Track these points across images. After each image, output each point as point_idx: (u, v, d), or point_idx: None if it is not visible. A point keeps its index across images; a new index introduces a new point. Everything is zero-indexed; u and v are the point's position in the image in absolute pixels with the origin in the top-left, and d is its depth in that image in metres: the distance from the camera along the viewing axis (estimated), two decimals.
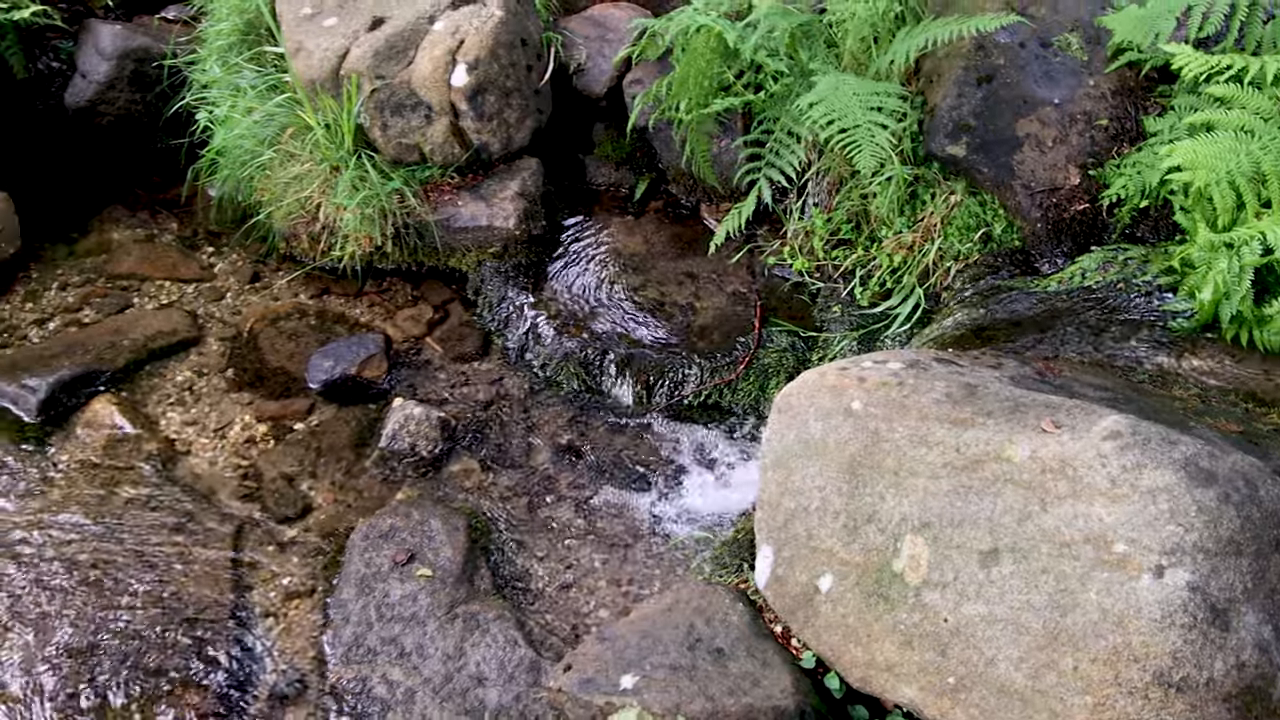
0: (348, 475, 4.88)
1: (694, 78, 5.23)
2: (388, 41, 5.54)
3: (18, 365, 5.30)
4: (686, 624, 3.48)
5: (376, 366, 5.27)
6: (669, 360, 5.08)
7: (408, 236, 5.67)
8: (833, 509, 3.32)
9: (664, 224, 5.88)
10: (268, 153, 5.81)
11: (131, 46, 6.69)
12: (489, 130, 5.63)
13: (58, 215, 6.44)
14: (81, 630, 4.17)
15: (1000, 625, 2.91)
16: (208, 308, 5.82)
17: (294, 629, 4.24)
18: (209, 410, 5.21)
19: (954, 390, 3.32)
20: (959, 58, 4.84)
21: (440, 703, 3.84)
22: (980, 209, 4.80)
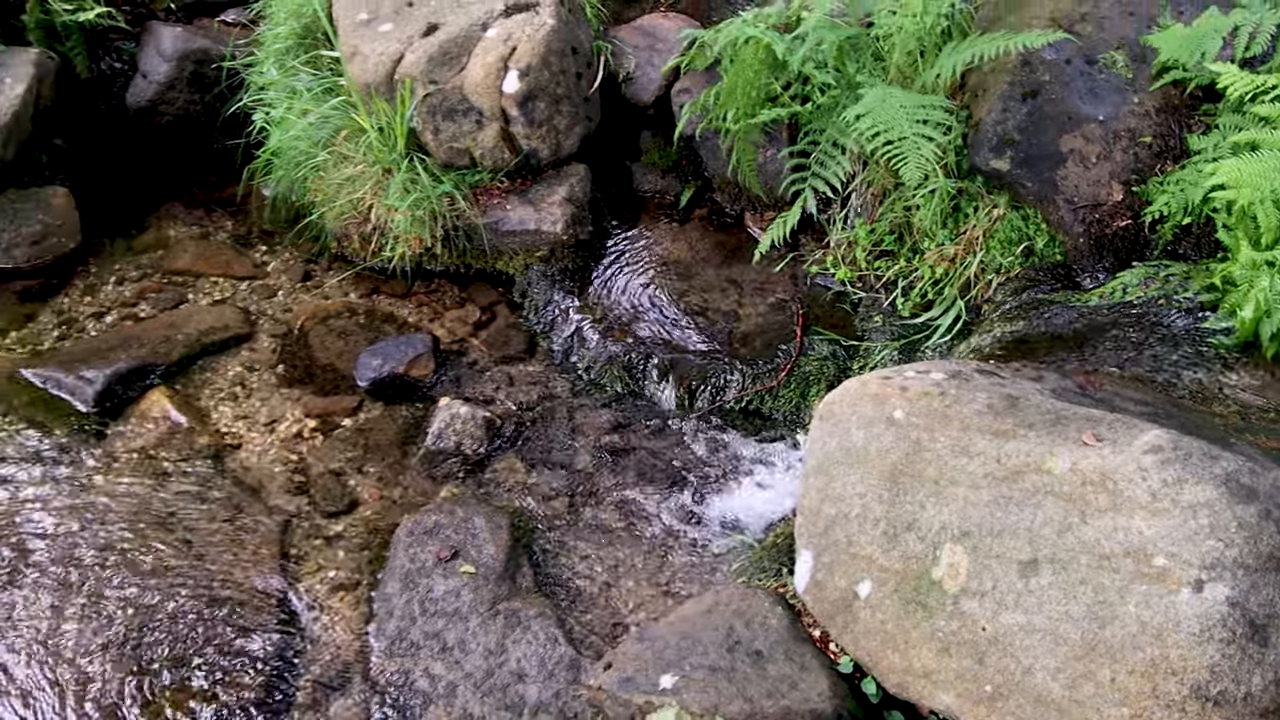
0: (394, 472, 4.90)
1: (742, 88, 5.22)
2: (441, 47, 5.56)
3: (75, 357, 5.35)
4: (726, 626, 3.47)
5: (424, 366, 5.29)
6: (711, 366, 5.07)
7: (457, 239, 5.68)
8: (873, 516, 3.30)
9: (708, 231, 5.87)
10: (322, 154, 5.84)
11: (191, 48, 6.75)
12: (539, 136, 5.64)
13: (117, 212, 6.50)
14: (133, 616, 4.20)
15: (1038, 635, 2.89)
16: (260, 305, 5.85)
17: (339, 621, 4.25)
18: (259, 405, 5.24)
19: (996, 401, 3.30)
20: (1005, 73, 4.81)
21: (481, 697, 3.84)
22: (1023, 223, 4.77)
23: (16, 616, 4.21)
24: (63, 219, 6.17)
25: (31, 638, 4.13)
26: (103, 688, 3.98)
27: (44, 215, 6.13)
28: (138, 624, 4.18)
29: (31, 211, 6.13)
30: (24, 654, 4.08)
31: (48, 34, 6.55)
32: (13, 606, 4.24)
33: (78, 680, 4.00)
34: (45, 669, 4.04)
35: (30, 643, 4.12)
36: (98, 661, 4.05)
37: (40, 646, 4.10)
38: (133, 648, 4.10)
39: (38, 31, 6.51)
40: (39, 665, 4.05)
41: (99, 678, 4.00)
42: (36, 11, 6.46)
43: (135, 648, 4.10)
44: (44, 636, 4.13)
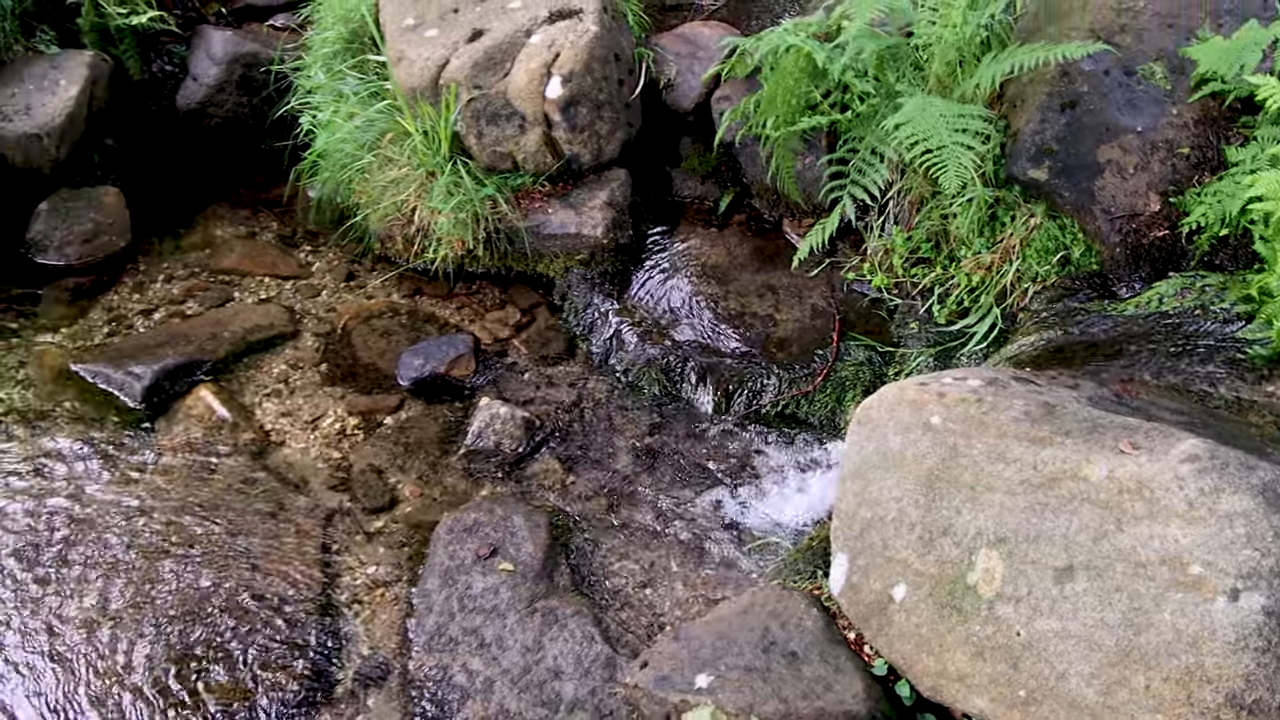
0: (434, 470, 4.91)
1: (782, 96, 5.22)
2: (486, 53, 5.57)
3: (124, 353, 5.39)
4: (761, 627, 3.47)
5: (465, 366, 5.30)
6: (748, 370, 5.06)
7: (498, 241, 5.69)
8: (909, 520, 3.29)
9: (746, 237, 5.86)
10: (367, 157, 5.87)
11: (241, 52, 6.80)
12: (580, 141, 5.65)
13: (166, 211, 6.55)
14: (177, 606, 4.23)
15: (1073, 641, 2.87)
16: (304, 304, 5.88)
17: (379, 616, 4.27)
18: (303, 402, 5.26)
19: (1032, 409, 3.28)
20: (1043, 83, 4.79)
21: (518, 694, 3.84)
22: (1059, 232, 4.74)
23: (66, 604, 4.25)
24: (113, 218, 6.22)
25: (79, 624, 4.17)
26: (147, 674, 4.01)
27: (95, 214, 6.18)
28: (182, 614, 4.21)
29: (83, 210, 6.18)
30: (72, 640, 4.12)
31: (101, 37, 6.61)
32: (62, 594, 4.28)
33: (123, 665, 4.03)
34: (92, 654, 4.07)
35: (78, 629, 4.15)
36: (142, 649, 4.08)
37: (87, 633, 4.14)
38: (177, 636, 4.13)
39: (92, 34, 6.57)
40: (86, 650, 4.08)
41: (143, 664, 4.04)
42: (91, 15, 6.51)
43: (180, 636, 4.13)
44: (91, 623, 4.17)
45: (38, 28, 6.47)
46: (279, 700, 3.93)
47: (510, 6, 5.84)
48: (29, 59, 6.39)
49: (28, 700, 3.95)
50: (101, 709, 3.90)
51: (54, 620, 4.19)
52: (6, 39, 6.32)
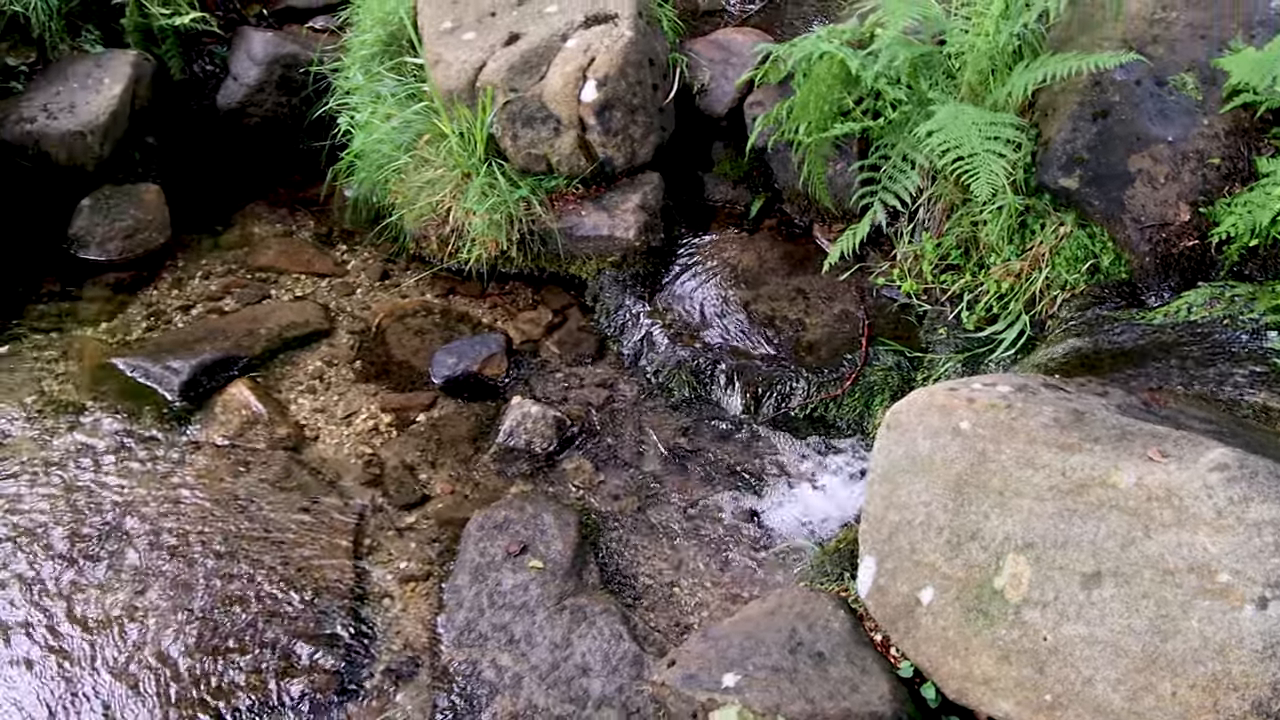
0: (465, 467, 4.92)
1: (815, 102, 5.20)
2: (522, 57, 5.58)
3: (163, 347, 5.42)
4: (789, 627, 3.46)
5: (497, 365, 5.31)
6: (777, 373, 5.05)
7: (532, 242, 5.70)
8: (937, 524, 3.28)
9: (777, 242, 5.85)
10: (403, 157, 5.88)
11: (281, 53, 6.83)
12: (614, 145, 5.65)
13: (205, 209, 6.59)
14: (213, 599, 4.25)
15: (1100, 646, 2.86)
16: (339, 302, 5.90)
17: (410, 611, 4.28)
18: (337, 399, 5.28)
19: (1062, 415, 3.26)
20: (1075, 93, 4.76)
21: (546, 689, 3.84)
22: (1089, 241, 4.71)
23: (103, 592, 4.27)
24: (154, 215, 6.26)
25: (115, 612, 4.20)
26: (181, 662, 4.03)
27: (136, 211, 6.22)
28: (216, 604, 4.23)
29: (124, 207, 6.22)
30: (109, 627, 4.15)
31: (145, 37, 6.66)
32: (99, 582, 4.31)
33: (158, 654, 4.05)
34: (126, 641, 4.10)
35: (114, 617, 4.18)
36: (176, 637, 4.11)
37: (123, 620, 4.16)
38: (211, 626, 4.15)
39: (135, 34, 6.62)
40: (121, 637, 4.11)
41: (177, 653, 4.06)
42: (135, 16, 6.56)
43: (213, 626, 4.15)
44: (126, 611, 4.20)
45: (83, 27, 6.51)
46: (310, 691, 3.95)
47: (547, 11, 5.84)
48: (74, 58, 6.44)
49: (64, 685, 3.97)
50: (135, 695, 3.92)
51: (91, 607, 4.22)
52: (53, 38, 6.37)
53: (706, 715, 3.28)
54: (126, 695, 3.93)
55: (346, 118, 6.29)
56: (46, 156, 6.11)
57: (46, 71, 6.36)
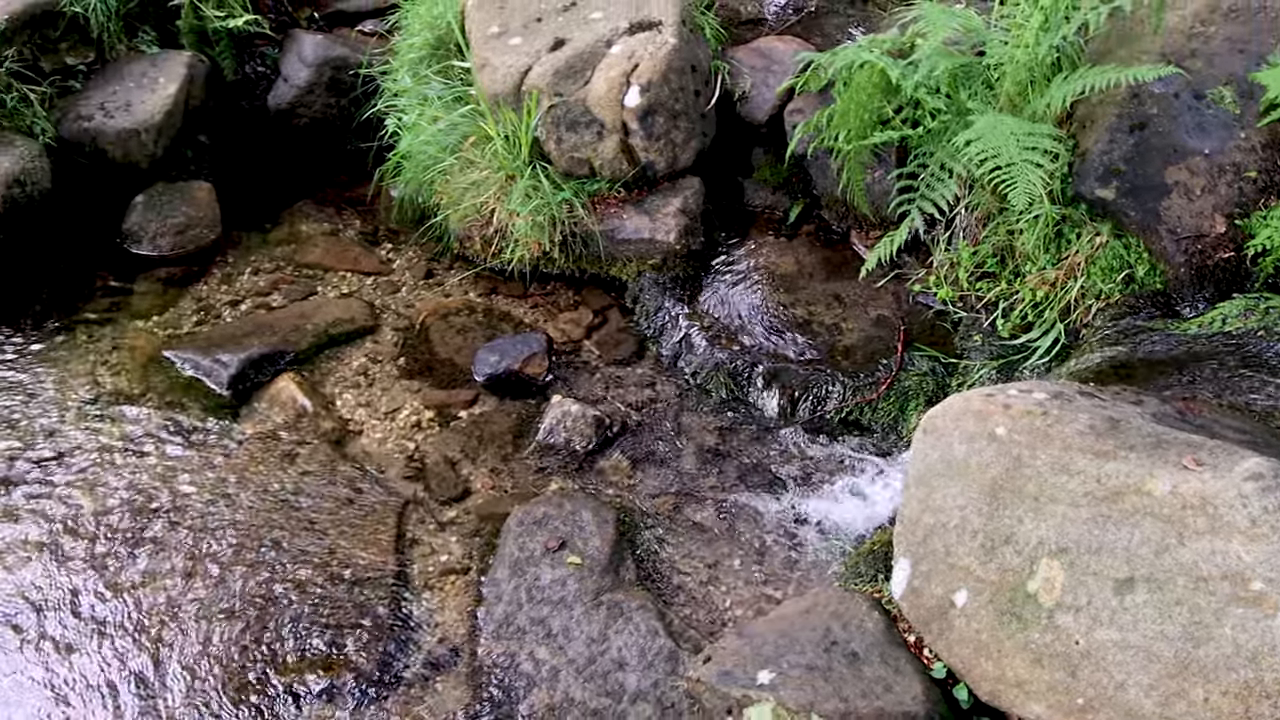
0: (506, 463, 4.93)
1: (855, 111, 5.20)
2: (567, 62, 5.60)
3: (212, 341, 5.46)
4: (823, 627, 3.46)
5: (538, 364, 5.32)
6: (813, 376, 5.04)
7: (573, 244, 5.71)
8: (971, 528, 3.27)
9: (815, 247, 5.84)
10: (449, 159, 5.91)
11: (331, 55, 6.88)
12: (656, 149, 5.65)
13: (254, 206, 6.64)
14: (257, 587, 4.28)
15: (1132, 651, 2.85)
16: (384, 300, 5.93)
17: (450, 603, 4.30)
18: (381, 394, 5.30)
19: (1097, 423, 3.25)
20: (1113, 105, 4.74)
21: (583, 683, 3.85)
22: (1124, 251, 4.69)
23: (150, 580, 4.31)
24: (205, 212, 6.31)
25: (161, 599, 4.23)
26: (224, 649, 4.06)
27: (188, 208, 6.27)
28: (261, 594, 4.26)
29: (177, 204, 6.27)
30: (156, 615, 4.19)
31: (199, 38, 6.73)
32: (147, 571, 4.35)
33: (203, 642, 4.08)
34: (172, 628, 4.13)
35: (160, 604, 4.22)
36: (223, 627, 4.14)
37: (169, 607, 4.20)
38: (256, 616, 4.17)
39: (190, 36, 6.69)
40: (166, 624, 4.14)
41: (221, 639, 4.09)
42: (190, 17, 6.62)
43: (257, 615, 4.18)
44: (173, 599, 4.23)
45: (140, 28, 6.58)
46: (352, 679, 3.97)
47: (592, 17, 5.86)
48: (131, 58, 6.50)
49: (107, 669, 4.01)
50: (180, 681, 3.95)
51: (138, 595, 4.26)
52: (111, 39, 6.43)
53: (741, 711, 3.28)
54: (170, 679, 3.97)
55: (394, 119, 6.32)
56: (103, 153, 6.17)
57: (104, 71, 6.43)
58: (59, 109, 6.20)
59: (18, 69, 6.04)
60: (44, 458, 4.86)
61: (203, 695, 3.92)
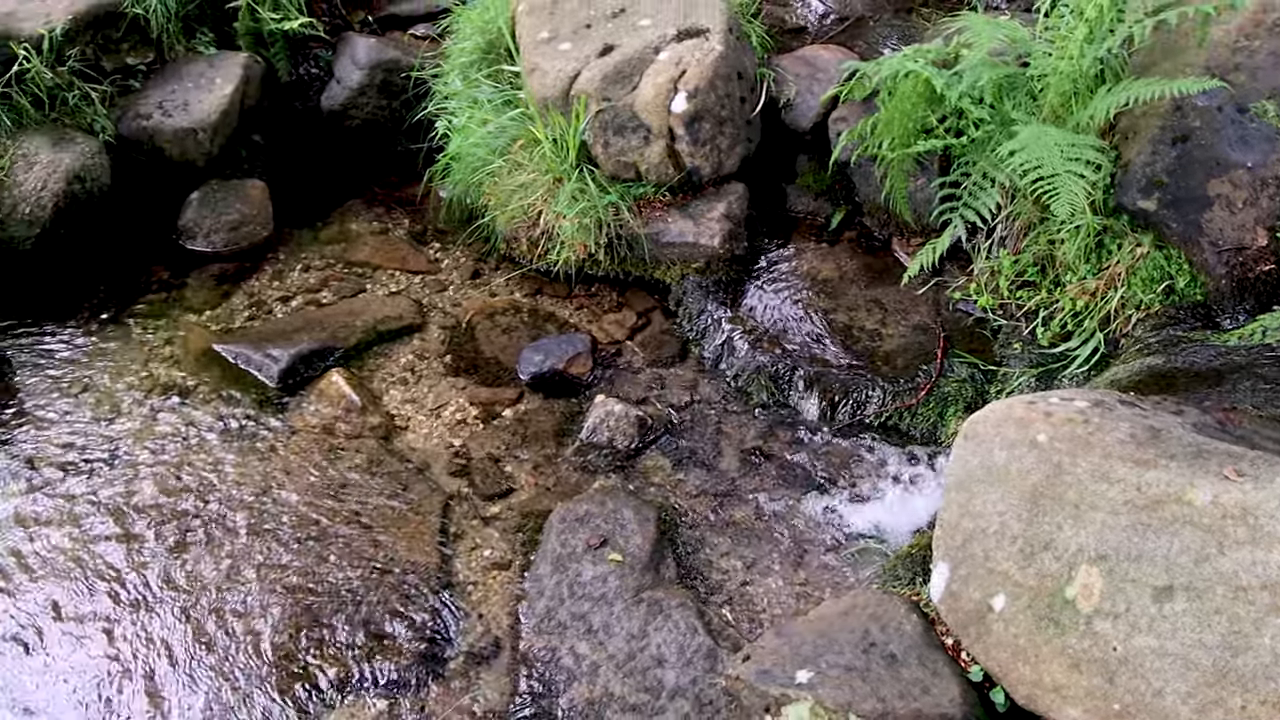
0: (549, 461, 4.95)
1: (899, 119, 5.19)
2: (616, 67, 5.61)
3: (264, 336, 5.51)
4: (862, 628, 3.45)
5: (582, 364, 5.33)
6: (853, 381, 5.03)
7: (619, 247, 5.72)
8: (1010, 533, 3.25)
9: (856, 254, 5.83)
10: (498, 161, 5.93)
11: (383, 58, 6.91)
12: (702, 155, 5.66)
13: (305, 205, 6.69)
14: (303, 578, 4.31)
15: (1170, 659, 2.83)
16: (432, 298, 5.95)
17: (492, 597, 4.31)
18: (427, 391, 5.33)
19: (1138, 432, 3.23)
20: (1156, 117, 4.71)
21: (622, 678, 3.86)
22: (1165, 262, 4.66)
23: (198, 567, 4.36)
24: (258, 209, 6.36)
25: (210, 587, 4.28)
26: (271, 637, 4.10)
27: (241, 205, 6.33)
28: (307, 583, 4.30)
29: (230, 201, 6.33)
30: (204, 601, 4.23)
31: (255, 40, 6.78)
32: (196, 560, 4.39)
33: (249, 629, 4.12)
34: (220, 615, 4.17)
35: (209, 591, 4.26)
36: (268, 613, 4.18)
37: (217, 595, 4.24)
38: (302, 603, 4.21)
39: (247, 37, 6.74)
40: (214, 611, 4.19)
41: (268, 628, 4.13)
42: (247, 19, 6.67)
43: (304, 604, 4.21)
44: (221, 587, 4.28)
45: (198, 30, 6.64)
46: (395, 670, 4.00)
47: (640, 24, 5.87)
48: (189, 59, 6.56)
49: (156, 655, 4.05)
50: (227, 667, 3.99)
51: (186, 581, 4.31)
52: (170, 39, 6.49)
53: (779, 710, 3.28)
54: (217, 667, 4.01)
55: (444, 122, 6.35)
56: (160, 151, 6.23)
57: (163, 71, 6.49)
58: (119, 107, 6.27)
59: (80, 68, 6.11)
60: (98, 447, 4.93)
61: (248, 679, 3.96)
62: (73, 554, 4.43)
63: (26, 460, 4.86)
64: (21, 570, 4.36)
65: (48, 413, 5.10)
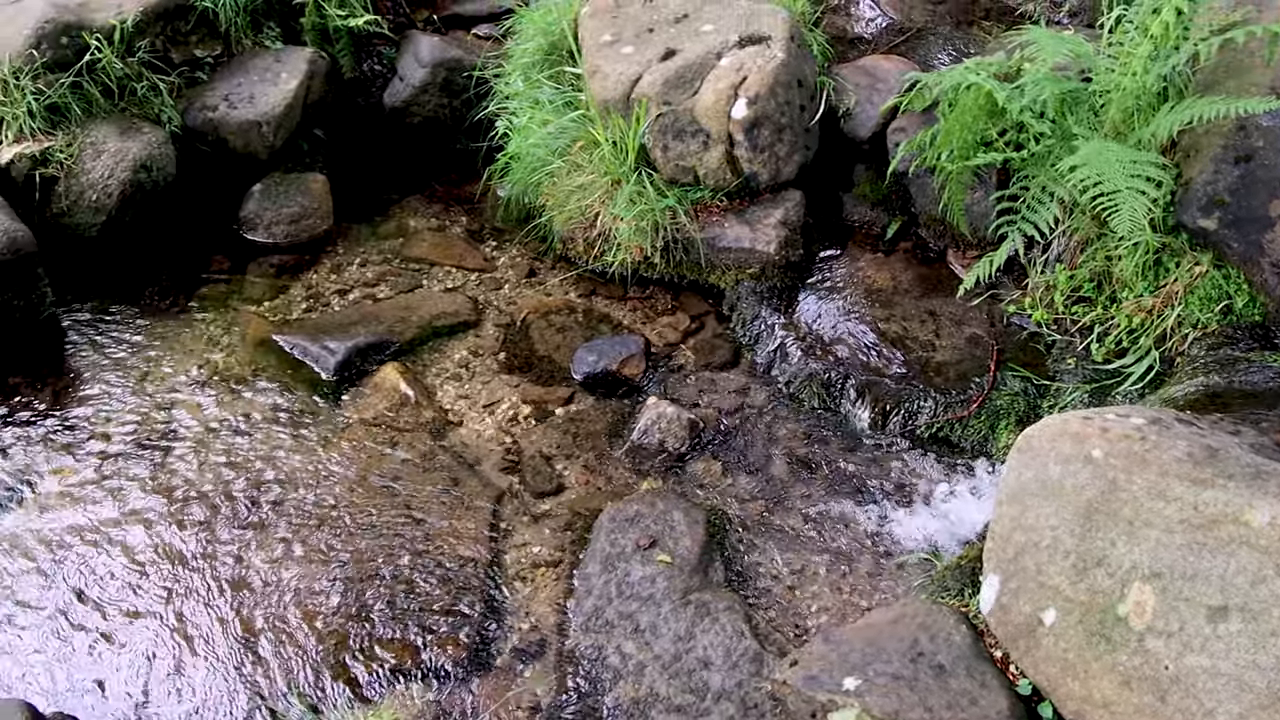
0: (599, 460, 4.96)
1: (959, 131, 5.17)
2: (677, 72, 5.61)
3: (321, 328, 5.55)
4: (911, 638, 3.44)
5: (635, 365, 5.34)
6: (905, 391, 5.02)
7: (674, 250, 5.73)
8: (1063, 548, 3.24)
9: (911, 264, 5.81)
10: (557, 162, 5.95)
11: (446, 57, 6.95)
12: (760, 161, 5.65)
13: (364, 200, 6.74)
14: (355, 567, 4.35)
15: (1223, 680, 2.81)
16: (487, 296, 5.98)
17: (540, 594, 4.33)
18: (481, 388, 5.35)
19: (1195, 451, 3.20)
20: (1219, 136, 4.67)
21: (668, 679, 3.86)
22: (1224, 281, 4.62)
23: (252, 554, 4.40)
24: (319, 203, 6.41)
25: (264, 574, 4.32)
26: (322, 626, 4.13)
27: (302, 198, 6.38)
28: (358, 574, 4.33)
29: (292, 194, 6.38)
30: (256, 588, 4.27)
31: (321, 36, 6.84)
32: (250, 545, 4.44)
33: (301, 615, 4.16)
34: (273, 602, 4.21)
35: (262, 579, 4.31)
36: (319, 602, 4.22)
37: (270, 583, 4.29)
38: (353, 594, 4.24)
39: (313, 33, 6.79)
40: (267, 599, 4.22)
41: (319, 617, 4.16)
42: (313, 15, 6.73)
43: (355, 594, 4.24)
44: (274, 574, 4.32)
45: (265, 24, 6.70)
46: (444, 662, 4.02)
47: (703, 30, 5.87)
48: (256, 52, 6.62)
49: (211, 632, 4.10)
50: (278, 655, 4.03)
51: (241, 567, 4.35)
52: (238, 33, 6.55)
53: (825, 716, 3.28)
54: (267, 647, 4.05)
55: (505, 121, 6.38)
56: (224, 143, 6.29)
57: (230, 64, 6.55)
58: (185, 98, 6.33)
59: (149, 59, 6.17)
60: (157, 431, 4.99)
61: (299, 665, 4.00)
62: (129, 534, 4.48)
63: (86, 441, 4.92)
64: (78, 548, 4.42)
65: (109, 396, 5.17)
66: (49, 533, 4.50)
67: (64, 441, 4.92)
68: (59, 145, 5.81)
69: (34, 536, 4.48)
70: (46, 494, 4.68)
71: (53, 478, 4.75)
